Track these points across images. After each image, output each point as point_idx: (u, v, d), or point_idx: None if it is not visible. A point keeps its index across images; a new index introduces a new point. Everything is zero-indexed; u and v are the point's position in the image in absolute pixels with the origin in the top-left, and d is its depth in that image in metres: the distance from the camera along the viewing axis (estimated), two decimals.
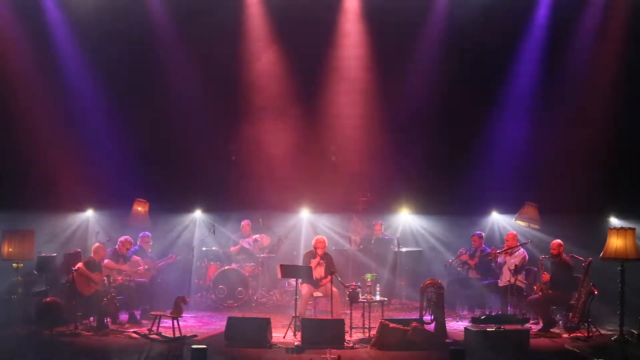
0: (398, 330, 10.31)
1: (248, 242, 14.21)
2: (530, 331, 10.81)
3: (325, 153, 15.18)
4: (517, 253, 12.31)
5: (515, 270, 11.91)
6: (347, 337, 10.66)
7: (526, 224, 13.83)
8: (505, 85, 14.75)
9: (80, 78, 14.61)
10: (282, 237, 14.48)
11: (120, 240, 12.45)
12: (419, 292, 11.30)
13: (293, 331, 10.94)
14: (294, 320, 11.03)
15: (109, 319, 11.34)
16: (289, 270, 11.60)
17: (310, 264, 11.79)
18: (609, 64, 14.18)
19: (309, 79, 14.89)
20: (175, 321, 10.71)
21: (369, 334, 10.85)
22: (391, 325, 10.40)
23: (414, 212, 15.10)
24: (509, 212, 14.27)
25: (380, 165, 14.96)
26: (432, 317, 10.90)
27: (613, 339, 10.82)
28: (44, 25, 14.35)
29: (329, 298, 11.36)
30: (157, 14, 14.57)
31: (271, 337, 10.59)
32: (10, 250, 11.66)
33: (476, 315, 11.89)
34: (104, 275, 11.34)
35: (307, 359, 9.62)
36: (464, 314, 12.65)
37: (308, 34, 14.34)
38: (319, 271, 11.87)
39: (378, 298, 11.37)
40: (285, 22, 14.63)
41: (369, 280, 11.41)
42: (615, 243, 10.92)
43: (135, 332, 11.04)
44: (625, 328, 10.88)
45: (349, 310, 11.32)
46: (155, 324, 10.86)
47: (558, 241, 11.78)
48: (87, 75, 14.58)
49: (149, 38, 14.59)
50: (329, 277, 11.46)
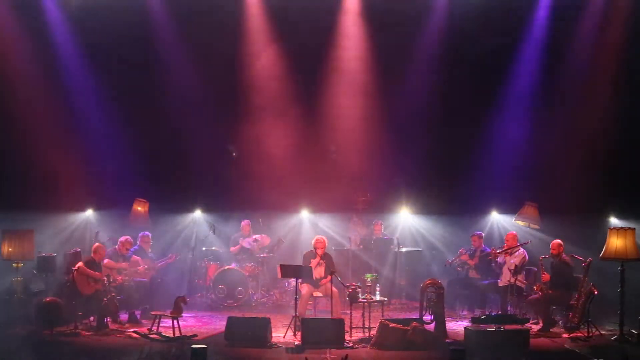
0: (398, 330, 10.31)
1: (248, 242, 14.21)
2: (530, 331, 10.81)
3: (325, 153, 15.17)
4: (517, 253, 12.32)
5: (515, 270, 11.91)
6: (347, 337, 10.66)
7: (526, 224, 13.82)
8: (505, 85, 14.74)
9: (80, 78, 14.62)
10: (282, 237, 14.48)
11: (120, 240, 12.47)
12: (419, 292, 11.31)
13: (293, 331, 10.94)
14: (294, 320, 11.03)
15: (109, 319, 11.35)
16: (289, 270, 11.59)
17: (310, 264, 11.80)
18: (609, 64, 14.18)
19: (309, 78, 14.89)
20: (175, 321, 10.71)
21: (369, 334, 10.85)
22: (391, 325, 10.40)
23: (414, 212, 15.10)
24: (509, 212, 14.27)
25: (380, 165, 14.97)
26: (432, 317, 10.91)
27: (613, 339, 10.83)
28: (44, 25, 14.36)
29: (329, 298, 11.36)
30: (157, 14, 14.57)
31: (271, 337, 10.60)
32: (10, 250, 11.67)
33: (476, 315, 11.89)
34: (104, 275, 11.35)
35: (308, 358, 9.59)
36: (464, 314, 12.66)
37: (308, 33, 14.35)
38: (319, 271, 11.87)
39: (378, 298, 11.37)
40: (285, 22, 14.64)
41: (369, 280, 11.41)
42: (615, 243, 10.93)
43: (135, 332, 11.04)
44: (625, 328, 10.89)
45: (349, 310, 11.31)
46: (155, 324, 10.86)
47: (558, 241, 11.78)
48: (87, 75, 14.58)
49: (149, 38, 14.58)
50: (329, 277, 11.46)
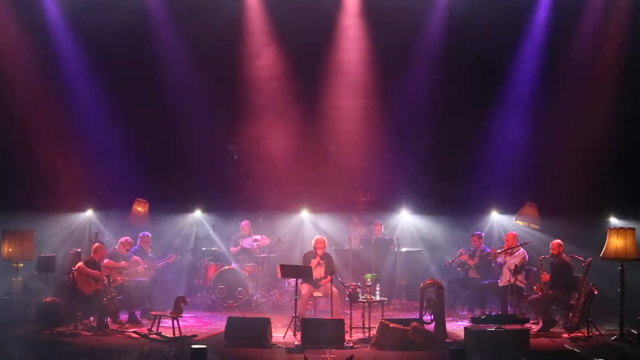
0: (398, 330, 10.31)
1: (248, 242, 14.22)
2: (530, 331, 10.80)
3: (325, 153, 15.17)
4: (517, 253, 12.31)
5: (515, 270, 11.91)
6: (347, 337, 10.66)
7: (526, 224, 13.82)
8: (505, 85, 14.75)
9: (80, 78, 14.62)
10: (282, 237, 14.49)
11: (121, 240, 12.47)
12: (419, 292, 11.31)
13: (293, 331, 10.94)
14: (294, 320, 11.03)
15: (109, 319, 11.35)
16: (289, 270, 11.59)
17: (310, 264, 11.80)
18: (609, 64, 14.18)
19: (309, 79, 14.89)
20: (175, 321, 10.71)
21: (369, 334, 10.85)
22: (391, 325, 10.39)
23: (414, 212, 15.10)
24: (509, 212, 14.26)
25: (380, 165, 14.97)
26: (432, 317, 10.90)
27: (613, 339, 10.82)
28: (44, 25, 14.36)
29: (329, 298, 11.37)
30: (157, 14, 14.57)
31: (271, 337, 10.59)
32: (10, 250, 11.65)
33: (476, 315, 11.89)
34: (104, 275, 11.34)
35: (307, 357, 9.57)
36: (464, 314, 12.66)
37: (308, 34, 14.34)
38: (319, 271, 11.87)
39: (378, 298, 11.37)
40: (285, 22, 14.64)
41: (369, 280, 11.40)
42: (615, 243, 10.93)
43: (135, 332, 11.04)
44: (625, 328, 10.89)
45: (349, 310, 11.31)
46: (155, 324, 10.86)
47: (558, 241, 11.77)
48: (87, 75, 14.58)
49: (149, 38, 14.59)
50: (329, 277, 11.46)
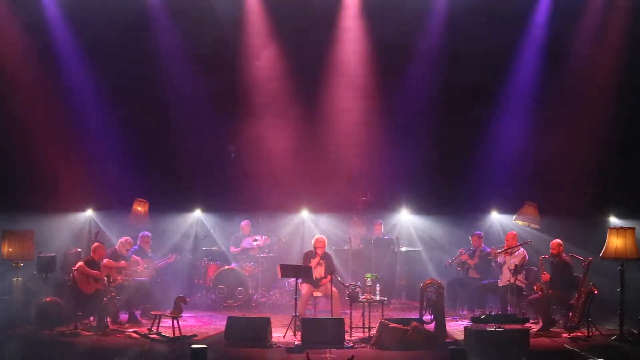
0: (398, 330, 10.31)
1: (248, 242, 14.23)
2: (530, 331, 10.80)
3: (325, 153, 15.17)
4: (517, 253, 12.31)
5: (515, 270, 11.91)
6: (347, 337, 10.66)
7: (526, 224, 13.82)
8: (505, 85, 14.75)
9: (80, 78, 14.62)
10: (282, 237, 14.49)
11: (121, 240, 12.47)
12: (419, 292, 11.30)
13: (293, 331, 10.94)
14: (294, 320, 11.03)
15: (109, 319, 11.34)
16: (289, 270, 11.59)
17: (310, 264, 11.80)
18: (609, 64, 14.17)
19: (308, 78, 14.89)
20: (175, 321, 10.71)
21: (369, 334, 10.85)
22: (391, 325, 10.40)
23: (413, 212, 15.10)
24: (509, 212, 14.26)
25: (380, 165, 14.97)
26: (432, 317, 10.90)
27: (613, 338, 10.82)
28: (44, 25, 14.36)
29: (329, 298, 11.36)
30: (157, 13, 14.57)
31: (271, 337, 10.59)
32: (10, 250, 11.65)
33: (476, 315, 11.90)
34: (104, 275, 11.35)
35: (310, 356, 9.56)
36: (464, 313, 12.66)
37: (308, 33, 14.35)
38: (318, 271, 11.87)
39: (378, 298, 11.37)
40: (284, 21, 14.64)
41: (369, 280, 11.41)
42: (615, 243, 10.93)
43: (135, 332, 11.04)
44: (625, 328, 10.88)
45: (349, 310, 11.31)
46: (155, 324, 10.87)
47: (558, 241, 11.77)
48: (87, 75, 14.58)
49: (149, 37, 14.58)
50: (329, 277, 11.46)
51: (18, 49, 14.17)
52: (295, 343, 10.45)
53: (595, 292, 11.01)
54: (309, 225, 14.92)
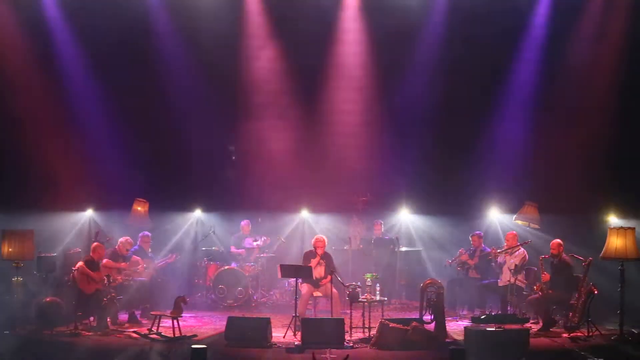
0: (398, 329, 10.31)
1: (248, 242, 14.23)
2: (530, 331, 10.80)
3: (325, 153, 15.17)
4: (517, 253, 12.31)
5: (515, 270, 11.91)
6: (347, 337, 10.65)
7: (526, 224, 13.82)
8: (505, 85, 14.75)
9: (81, 78, 14.62)
10: (282, 237, 14.49)
11: (121, 240, 12.45)
12: (419, 292, 11.30)
13: (293, 331, 10.94)
14: (294, 320, 11.03)
15: (109, 319, 11.34)
16: (289, 270, 11.60)
17: (310, 264, 11.79)
18: (609, 63, 14.17)
19: (308, 78, 14.90)
20: (175, 321, 10.71)
21: (369, 334, 10.85)
22: (391, 324, 10.40)
23: (413, 212, 15.10)
24: (509, 212, 14.26)
25: (380, 164, 14.97)
26: (432, 317, 10.90)
27: (613, 338, 10.82)
28: (44, 24, 14.36)
29: (329, 298, 11.36)
30: (157, 14, 14.57)
31: (271, 337, 10.59)
32: (10, 250, 11.63)
33: (476, 315, 11.90)
34: (104, 275, 11.34)
35: (308, 357, 9.57)
36: (464, 313, 12.66)
37: (308, 33, 14.35)
38: (318, 271, 11.86)
39: (378, 298, 11.37)
40: (284, 21, 14.65)
41: (369, 280, 11.41)
42: (615, 243, 10.93)
43: (135, 332, 11.04)
44: (625, 328, 10.88)
45: (349, 310, 11.31)
46: (155, 324, 10.86)
47: (558, 241, 11.77)
48: (87, 75, 14.58)
49: (149, 37, 14.59)
50: (329, 277, 11.46)
51: (18, 48, 14.17)
52: (295, 343, 10.44)
53: (595, 292, 11.01)
54: (309, 225, 14.92)
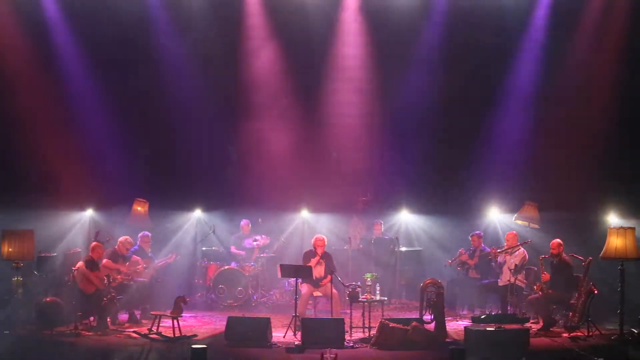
0: (398, 329, 10.32)
1: (248, 242, 14.24)
2: (530, 330, 10.81)
3: (325, 153, 15.18)
4: (518, 252, 12.32)
5: (515, 270, 11.91)
6: (347, 337, 10.65)
7: (526, 224, 13.82)
8: (505, 85, 14.74)
9: (81, 78, 14.61)
10: (282, 237, 14.49)
11: (120, 240, 12.43)
12: (419, 292, 11.30)
13: (293, 331, 10.94)
14: (294, 320, 11.03)
15: (109, 319, 11.34)
16: (288, 270, 11.60)
17: (310, 263, 11.79)
18: (609, 63, 14.17)
19: (308, 78, 14.89)
20: (175, 321, 10.71)
21: (369, 334, 10.86)
22: (391, 324, 10.40)
23: (414, 212, 15.10)
24: (509, 212, 14.26)
25: (380, 164, 14.97)
26: (432, 317, 10.90)
27: (613, 338, 10.82)
28: (44, 25, 14.35)
29: (328, 298, 11.36)
30: (157, 14, 14.57)
31: (271, 337, 10.60)
32: (10, 250, 11.63)
33: (476, 314, 11.91)
34: (104, 275, 11.34)
35: (309, 357, 9.56)
36: (464, 313, 12.66)
37: (308, 32, 14.36)
38: (318, 270, 11.86)
39: (378, 297, 11.37)
40: (284, 21, 14.64)
41: (369, 280, 11.41)
42: (615, 242, 10.92)
43: (135, 332, 11.04)
44: (625, 328, 10.88)
45: (349, 310, 11.31)
46: (155, 324, 10.86)
47: (558, 241, 11.77)
48: (87, 74, 14.57)
49: (149, 37, 14.58)
50: (329, 277, 11.47)
51: (18, 48, 14.16)
52: (295, 343, 10.44)
53: (595, 292, 11.01)
54: (309, 225, 14.92)
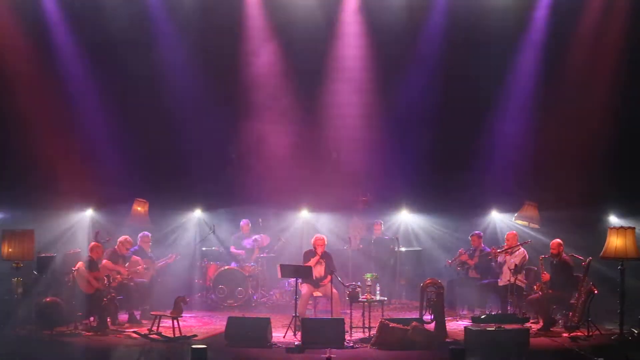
0: (398, 329, 10.31)
1: (248, 242, 14.24)
2: (531, 330, 10.81)
3: (325, 153, 15.18)
4: (518, 252, 12.31)
5: (515, 270, 11.91)
6: (347, 337, 10.65)
7: (526, 224, 13.82)
8: (505, 85, 14.74)
9: (80, 78, 14.61)
10: (282, 237, 14.49)
11: (120, 240, 12.43)
12: (419, 292, 11.30)
13: (293, 331, 10.94)
14: (294, 320, 11.03)
15: (109, 319, 11.33)
16: (288, 270, 11.60)
17: (310, 263, 11.79)
18: (609, 63, 14.18)
19: (308, 77, 14.89)
20: (175, 321, 10.71)
21: (369, 334, 10.85)
22: (391, 324, 10.40)
23: (414, 212, 15.11)
24: (509, 212, 14.26)
25: (380, 165, 14.97)
26: (432, 317, 10.90)
27: (613, 338, 10.82)
28: (44, 25, 14.36)
29: (328, 298, 11.36)
30: (157, 13, 14.57)
31: (271, 337, 10.59)
32: (10, 250, 11.62)
33: (476, 314, 11.90)
34: (104, 275, 11.34)
35: (309, 357, 9.56)
36: (464, 313, 12.65)
37: (308, 32, 14.36)
38: (318, 270, 11.86)
39: (378, 298, 11.37)
40: (284, 20, 14.64)
41: (369, 280, 11.41)
42: (615, 242, 10.92)
43: (135, 332, 11.04)
44: (625, 328, 10.88)
45: (349, 310, 11.31)
46: (155, 324, 10.86)
47: (558, 241, 11.77)
48: (87, 74, 14.57)
49: (149, 37, 14.59)
50: (329, 277, 11.46)
51: (18, 48, 14.16)
52: (295, 343, 10.44)
53: (595, 292, 11.01)
54: (309, 225, 14.91)
